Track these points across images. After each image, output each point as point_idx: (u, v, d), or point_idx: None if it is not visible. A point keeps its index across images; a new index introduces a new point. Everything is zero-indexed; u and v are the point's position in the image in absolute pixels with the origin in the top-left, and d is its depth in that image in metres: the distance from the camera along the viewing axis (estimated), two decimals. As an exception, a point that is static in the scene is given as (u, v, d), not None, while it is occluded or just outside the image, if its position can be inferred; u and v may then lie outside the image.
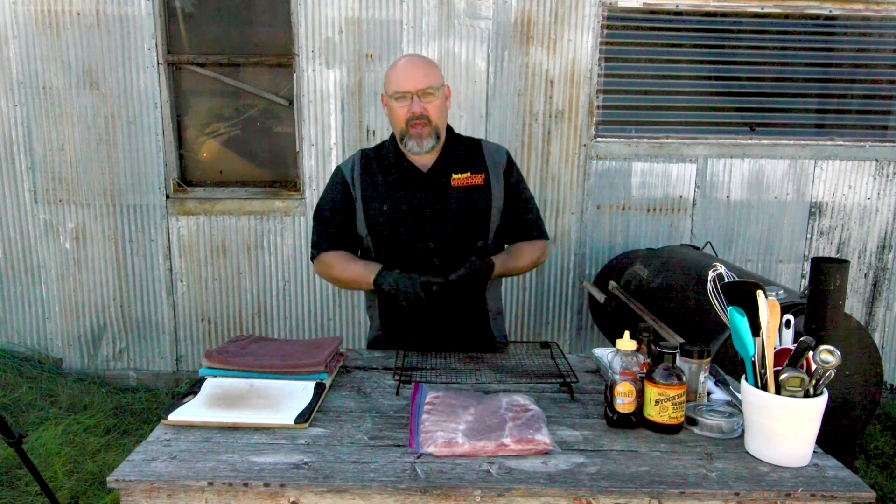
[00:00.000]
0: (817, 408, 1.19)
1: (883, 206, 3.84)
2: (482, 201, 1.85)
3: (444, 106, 1.84)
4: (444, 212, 1.83)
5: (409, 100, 1.76)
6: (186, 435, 1.28)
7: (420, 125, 1.77)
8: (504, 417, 1.33)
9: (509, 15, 3.54)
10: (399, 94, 1.77)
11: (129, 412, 3.44)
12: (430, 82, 1.76)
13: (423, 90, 1.75)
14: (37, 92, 3.57)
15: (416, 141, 1.79)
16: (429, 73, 1.78)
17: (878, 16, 3.66)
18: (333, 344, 1.69)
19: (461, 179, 1.85)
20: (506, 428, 1.27)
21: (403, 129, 1.79)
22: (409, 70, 1.77)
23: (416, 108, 1.76)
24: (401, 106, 1.77)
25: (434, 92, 1.77)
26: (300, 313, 3.82)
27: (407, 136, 1.80)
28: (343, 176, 1.91)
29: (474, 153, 1.91)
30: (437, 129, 1.81)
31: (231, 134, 3.78)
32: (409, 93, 1.75)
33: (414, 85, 1.75)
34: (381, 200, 1.85)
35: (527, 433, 1.25)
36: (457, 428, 1.28)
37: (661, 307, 2.74)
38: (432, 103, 1.77)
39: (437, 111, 1.79)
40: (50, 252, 3.74)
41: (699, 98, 3.74)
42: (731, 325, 1.27)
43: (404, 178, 1.86)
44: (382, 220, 1.85)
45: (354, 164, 1.92)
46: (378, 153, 1.93)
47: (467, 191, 1.85)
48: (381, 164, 1.90)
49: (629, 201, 3.77)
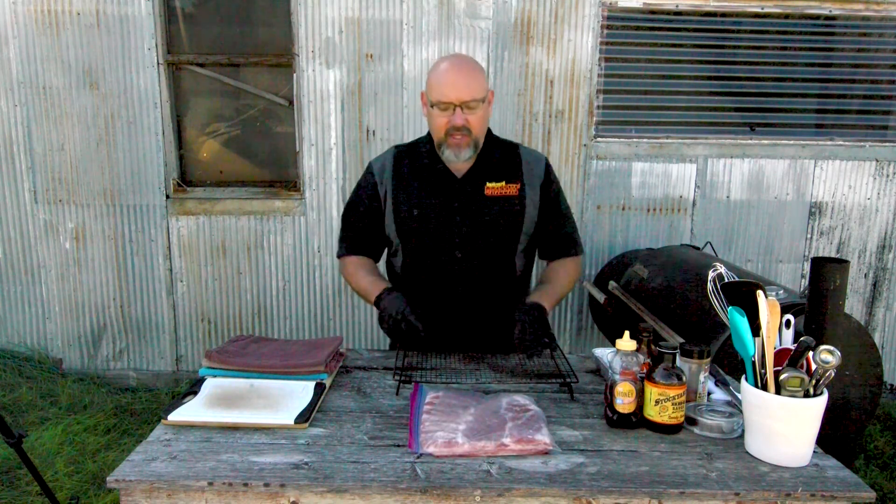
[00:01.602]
0: (817, 408, 1.19)
1: (883, 206, 3.84)
2: (515, 213, 1.79)
3: (487, 114, 1.75)
4: (474, 222, 1.78)
5: (450, 110, 1.68)
6: (186, 435, 1.28)
7: (459, 136, 1.70)
8: (504, 417, 1.33)
9: (509, 15, 3.54)
10: (441, 104, 1.69)
11: (129, 412, 3.43)
12: (474, 94, 1.67)
13: (467, 102, 1.67)
14: (37, 92, 3.57)
15: (453, 150, 1.72)
16: (474, 82, 1.68)
17: (878, 16, 3.66)
18: (333, 344, 1.69)
19: (495, 189, 1.78)
20: (506, 428, 1.27)
21: (442, 137, 1.72)
22: (454, 79, 1.68)
23: (457, 121, 1.68)
24: (442, 115, 1.70)
25: (478, 104, 1.69)
26: (300, 313, 3.82)
27: (445, 145, 1.73)
28: (373, 176, 1.85)
29: (511, 160, 1.83)
30: (477, 141, 1.74)
31: (231, 134, 3.78)
32: (452, 104, 1.67)
33: (458, 96, 1.67)
34: (411, 204, 1.80)
35: (527, 433, 1.25)
36: (456, 428, 1.28)
37: (661, 307, 2.74)
38: (475, 114, 1.69)
39: (479, 122, 1.71)
40: (50, 252, 3.74)
41: (699, 98, 3.74)
42: (731, 325, 1.27)
43: (437, 182, 1.80)
44: (411, 224, 1.80)
45: (386, 164, 1.85)
46: (412, 151, 1.86)
47: (500, 201, 1.78)
48: (415, 165, 1.83)
49: (629, 201, 3.77)
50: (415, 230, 1.81)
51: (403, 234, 1.83)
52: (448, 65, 1.71)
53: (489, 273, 1.82)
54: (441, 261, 1.81)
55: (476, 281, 1.82)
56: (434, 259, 1.81)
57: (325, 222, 3.72)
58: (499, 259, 1.82)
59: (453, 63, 1.71)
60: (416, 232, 1.81)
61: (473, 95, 1.67)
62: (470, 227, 1.78)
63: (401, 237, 1.84)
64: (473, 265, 1.80)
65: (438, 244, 1.80)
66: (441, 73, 1.70)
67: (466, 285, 1.82)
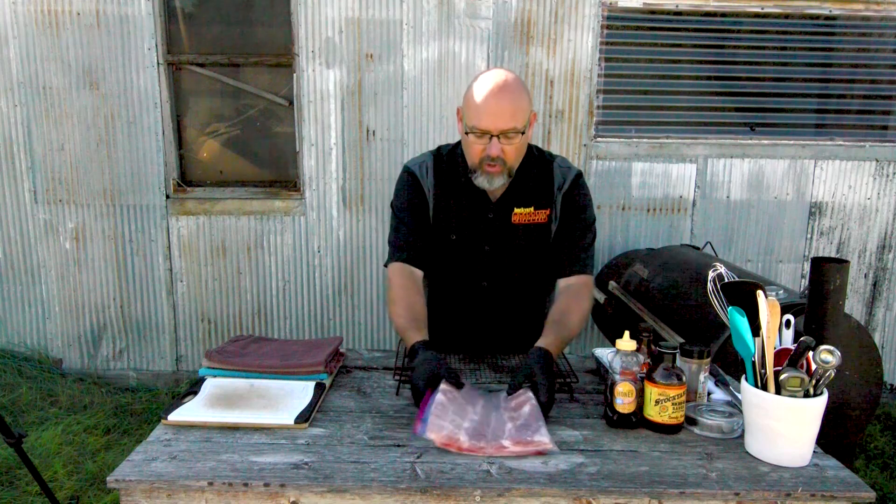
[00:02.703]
0: (817, 408, 1.19)
1: (883, 206, 3.84)
2: (542, 242, 1.71)
3: (526, 140, 1.62)
4: (501, 251, 1.72)
5: (487, 139, 1.55)
6: (186, 435, 1.28)
7: (494, 166, 1.58)
8: (503, 418, 1.33)
9: (509, 15, 3.54)
10: (478, 131, 1.55)
11: (129, 412, 3.43)
12: (514, 123, 1.54)
13: (505, 132, 1.54)
14: (37, 92, 3.57)
15: (486, 178, 1.60)
16: (517, 111, 1.54)
17: (878, 16, 3.66)
18: (333, 344, 1.69)
19: (523, 215, 1.69)
20: (505, 429, 1.27)
21: (476, 164, 1.60)
22: (495, 108, 1.53)
23: (493, 151, 1.55)
24: (477, 142, 1.57)
25: (517, 135, 1.56)
26: (300, 313, 3.82)
27: (478, 172, 1.61)
28: (417, 178, 1.73)
29: (544, 182, 1.72)
30: (511, 169, 1.62)
31: (231, 134, 3.78)
32: (490, 133, 1.54)
33: (496, 126, 1.53)
34: (450, 226, 1.71)
35: (525, 434, 1.25)
36: (461, 424, 1.28)
37: (661, 307, 2.74)
38: (513, 144, 1.56)
39: (516, 153, 1.59)
40: (50, 252, 3.74)
41: (699, 98, 3.74)
42: (731, 325, 1.27)
43: (473, 205, 1.71)
44: (445, 247, 1.73)
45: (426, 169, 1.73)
46: (451, 162, 1.74)
47: (528, 230, 1.70)
48: (453, 179, 1.72)
49: (629, 201, 3.77)
50: (446, 253, 1.74)
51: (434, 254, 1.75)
52: (490, 90, 1.53)
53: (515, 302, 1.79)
54: (467, 286, 1.77)
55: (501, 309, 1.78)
56: (460, 283, 1.78)
57: (325, 222, 3.72)
58: (525, 288, 1.77)
59: (495, 89, 1.53)
60: (446, 255, 1.75)
61: (514, 124, 1.54)
62: (497, 255, 1.73)
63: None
64: (499, 294, 1.77)
65: (465, 270, 1.75)
66: (481, 99, 1.54)
67: (491, 313, 1.79)
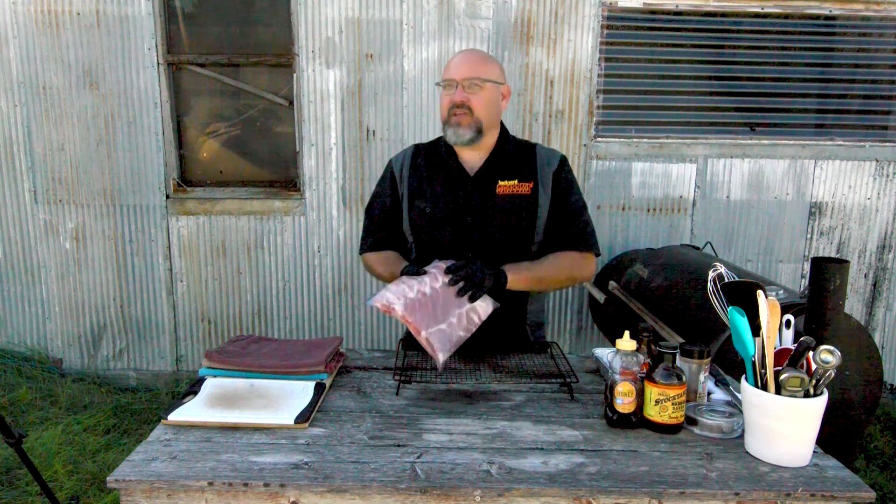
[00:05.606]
0: (817, 408, 1.19)
1: (883, 206, 3.84)
2: (527, 212, 1.78)
3: (494, 102, 1.77)
4: (485, 221, 1.78)
5: (453, 88, 1.73)
6: (186, 435, 1.28)
7: (461, 114, 1.72)
8: (452, 304, 1.55)
9: (509, 15, 3.54)
10: (446, 83, 1.75)
11: (129, 412, 3.43)
12: (477, 73, 1.72)
13: (470, 79, 1.71)
14: (37, 92, 3.57)
15: (454, 129, 1.74)
16: (480, 65, 1.74)
17: (878, 16, 3.66)
18: (333, 344, 1.69)
19: (507, 187, 1.78)
20: (453, 312, 1.53)
21: (445, 117, 1.76)
22: (461, 60, 1.75)
23: (457, 97, 1.72)
24: (446, 94, 1.76)
25: (481, 84, 1.72)
26: (300, 313, 3.82)
27: (447, 125, 1.76)
28: (393, 171, 1.88)
29: (526, 158, 1.83)
30: (480, 123, 1.74)
31: (231, 134, 3.78)
32: (455, 81, 1.72)
33: (460, 74, 1.72)
34: (425, 201, 1.82)
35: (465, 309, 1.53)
36: (405, 295, 1.47)
37: (661, 307, 2.74)
38: (477, 95, 1.72)
39: (482, 103, 1.73)
40: (50, 252, 3.74)
41: (699, 98, 3.74)
42: (731, 325, 1.27)
43: (450, 179, 1.82)
44: (423, 221, 1.82)
45: (404, 161, 1.88)
46: (431, 149, 1.89)
47: (512, 200, 1.78)
48: (431, 162, 1.86)
49: (629, 201, 3.77)
50: (427, 228, 1.82)
51: (416, 232, 1.85)
52: (460, 52, 1.82)
53: None
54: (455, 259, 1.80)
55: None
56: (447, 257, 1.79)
57: (325, 222, 3.72)
58: (511, 259, 1.79)
59: (466, 50, 1.80)
60: (428, 230, 1.82)
61: (477, 73, 1.72)
62: (481, 227, 1.78)
63: (414, 235, 1.85)
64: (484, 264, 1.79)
65: (450, 243, 1.79)
66: (452, 58, 1.79)
67: None
